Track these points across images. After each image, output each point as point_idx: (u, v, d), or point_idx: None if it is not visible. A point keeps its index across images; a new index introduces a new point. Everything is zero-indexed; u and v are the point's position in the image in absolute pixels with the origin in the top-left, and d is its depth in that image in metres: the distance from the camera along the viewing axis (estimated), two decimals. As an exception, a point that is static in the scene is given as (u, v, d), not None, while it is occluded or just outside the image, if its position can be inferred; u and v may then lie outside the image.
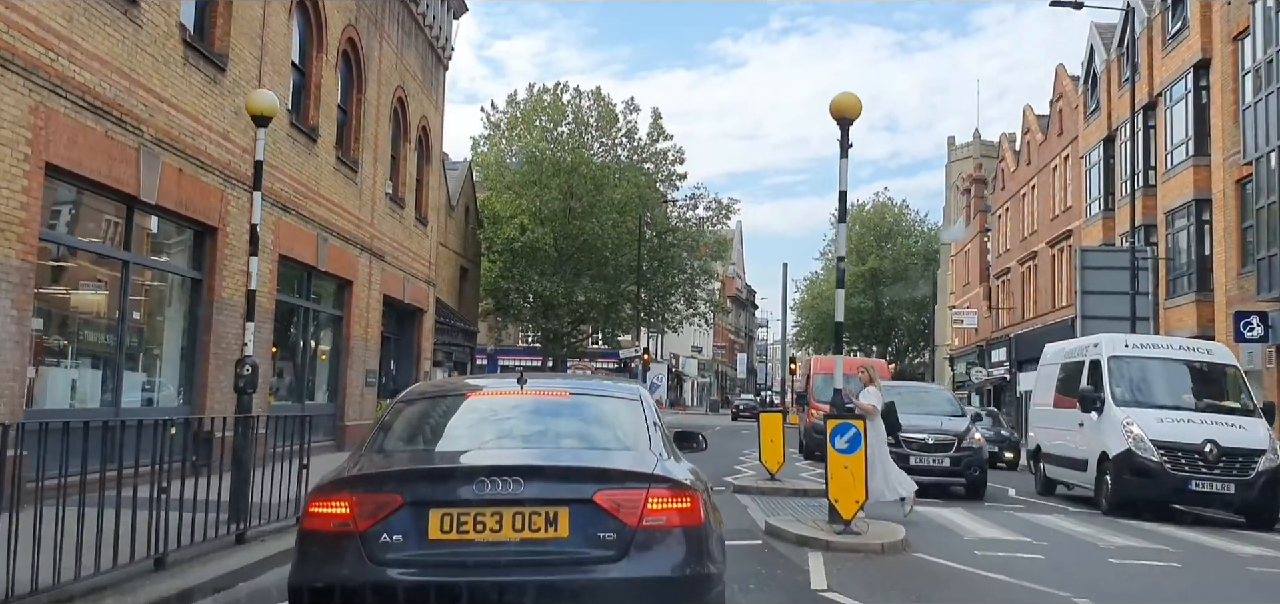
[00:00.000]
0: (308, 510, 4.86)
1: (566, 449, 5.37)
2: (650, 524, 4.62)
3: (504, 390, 6.01)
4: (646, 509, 4.63)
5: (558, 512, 4.59)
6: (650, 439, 5.36)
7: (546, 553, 4.57)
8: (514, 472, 4.67)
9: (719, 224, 52.51)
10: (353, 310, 21.63)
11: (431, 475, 4.95)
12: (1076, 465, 16.76)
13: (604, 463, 5.00)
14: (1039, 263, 40.66)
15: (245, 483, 9.75)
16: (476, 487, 4.60)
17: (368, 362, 22.66)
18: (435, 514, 4.57)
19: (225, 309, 15.56)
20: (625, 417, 5.60)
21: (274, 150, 17.15)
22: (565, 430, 5.56)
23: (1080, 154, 34.39)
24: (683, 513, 4.71)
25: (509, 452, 5.28)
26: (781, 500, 14.07)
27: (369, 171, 22.39)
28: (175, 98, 13.68)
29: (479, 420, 5.79)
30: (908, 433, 15.59)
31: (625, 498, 4.64)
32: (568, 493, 4.65)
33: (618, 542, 4.57)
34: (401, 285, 25.20)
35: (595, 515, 4.59)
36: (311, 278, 19.81)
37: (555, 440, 5.50)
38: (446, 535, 4.56)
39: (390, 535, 4.56)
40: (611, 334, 52.85)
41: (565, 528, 4.58)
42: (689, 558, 4.67)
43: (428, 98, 27.32)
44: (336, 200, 20.31)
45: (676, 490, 4.77)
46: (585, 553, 4.57)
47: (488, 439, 5.52)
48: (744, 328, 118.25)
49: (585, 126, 49.65)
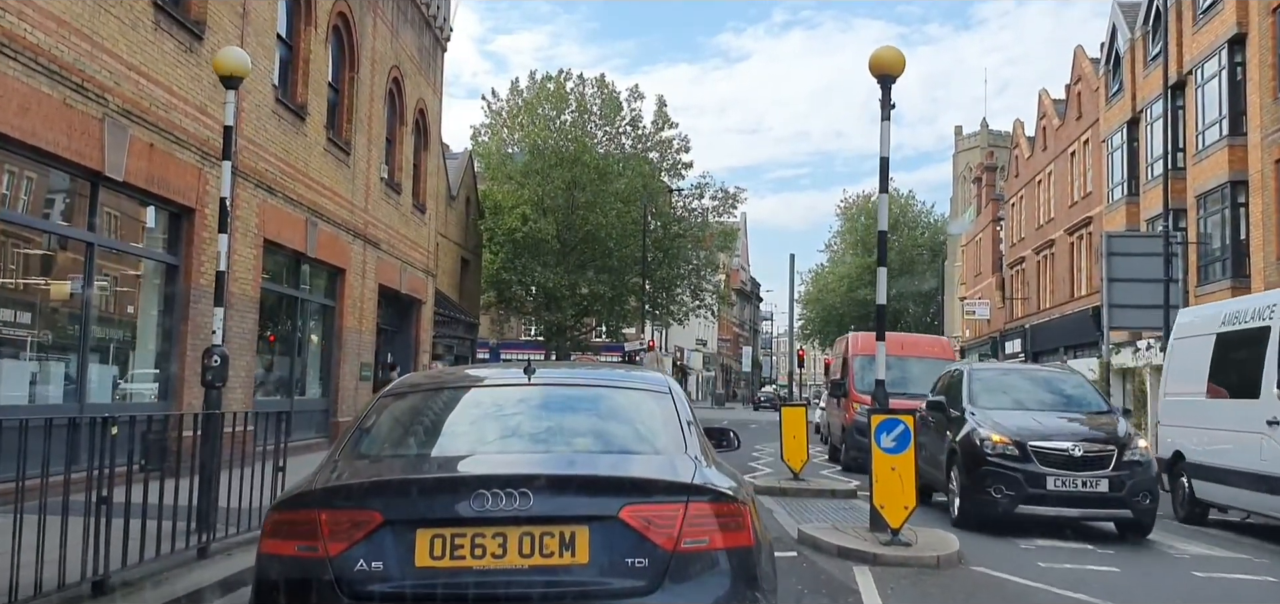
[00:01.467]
0: (266, 529, 3.87)
1: (585, 453, 4.30)
2: (690, 546, 3.62)
3: (508, 382, 5.01)
4: (685, 528, 3.63)
5: (575, 532, 3.60)
6: (686, 441, 4.31)
7: (561, 583, 3.59)
8: (521, 482, 3.64)
9: (725, 214, 51.30)
10: (346, 300, 20.47)
11: (419, 487, 3.85)
12: (1270, 487, 10.97)
13: (632, 470, 4.01)
14: (1056, 251, 39.47)
15: (211, 487, 8.62)
16: (475, 501, 3.59)
17: (362, 355, 21.52)
18: (423, 535, 3.59)
19: (205, 297, 14.39)
20: (654, 413, 4.54)
21: (258, 127, 16.02)
22: (582, 430, 4.52)
23: (1101, 138, 33.18)
24: (729, 532, 3.71)
25: (515, 457, 4.24)
26: (808, 504, 12.93)
27: (362, 155, 21.24)
28: (145, 65, 12.52)
29: (479, 418, 4.79)
30: (1038, 442, 10.67)
31: (659, 514, 3.65)
32: (588, 508, 3.66)
33: (650, 569, 3.59)
34: (398, 275, 24.05)
35: (622, 536, 3.61)
36: (301, 265, 18.65)
37: (571, 443, 4.43)
38: (438, 562, 3.57)
39: (368, 563, 3.57)
40: (615, 327, 51.67)
41: (584, 552, 3.59)
42: (737, 587, 3.68)
43: (425, 80, 26.15)
44: (327, 184, 19.15)
45: (721, 504, 3.77)
46: (609, 584, 3.59)
47: (489, 441, 4.50)
48: (748, 321, 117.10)
49: (589, 115, 48.47)
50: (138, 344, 14.10)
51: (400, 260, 24.20)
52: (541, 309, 48.25)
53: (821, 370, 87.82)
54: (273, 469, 9.10)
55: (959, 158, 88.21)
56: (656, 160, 49.40)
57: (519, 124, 47.76)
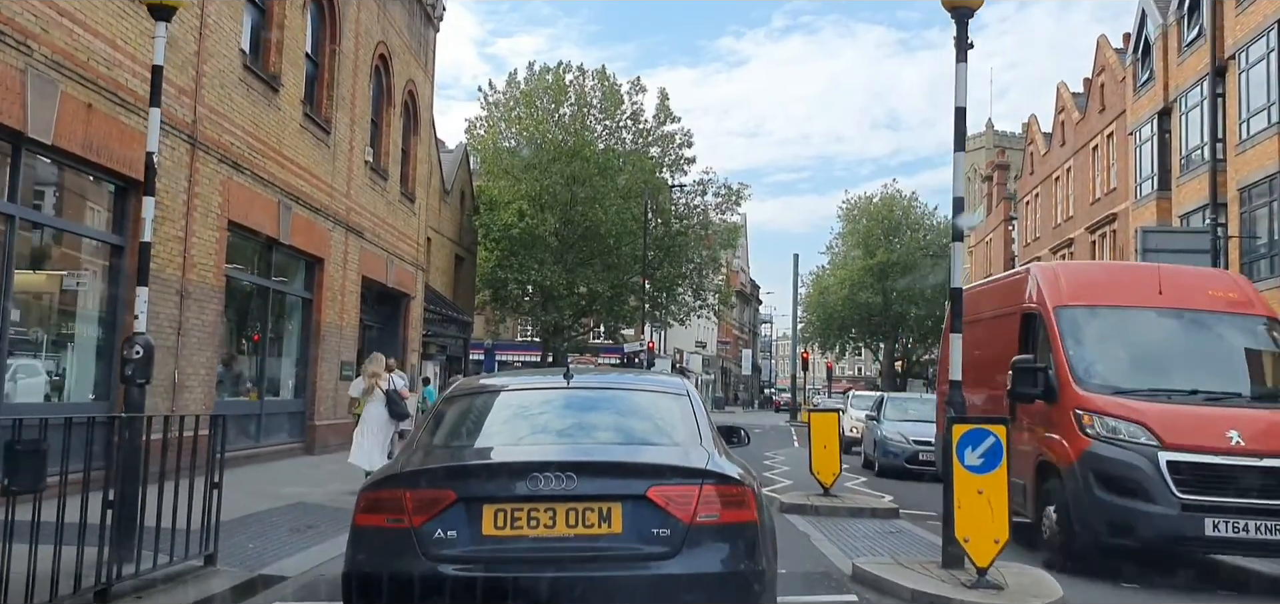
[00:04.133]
0: (360, 506, 4.65)
1: (619, 445, 5.15)
2: (704, 521, 4.43)
3: (552, 385, 5.82)
4: (700, 505, 4.45)
5: (611, 507, 4.44)
6: (700, 434, 5.15)
7: (600, 549, 4.41)
8: (567, 467, 4.48)
9: (728, 211, 49.57)
10: (324, 292, 18.75)
11: (485, 471, 4.78)
12: None
13: (657, 458, 4.83)
14: (1076, 250, 37.78)
15: (131, 507, 6.94)
16: (530, 482, 4.44)
17: (343, 352, 19.79)
18: (489, 510, 4.44)
19: (156, 282, 12.68)
20: (675, 412, 5.36)
21: (223, 95, 14.31)
22: (615, 425, 5.34)
23: (1127, 131, 31.49)
24: (736, 510, 4.53)
25: (562, 447, 5.10)
26: (846, 525, 11.21)
27: (345, 134, 19.52)
28: (80, 12, 10.80)
29: (530, 415, 5.58)
30: None
31: (678, 494, 4.46)
32: (621, 489, 4.51)
33: (671, 538, 4.40)
34: (384, 267, 22.32)
35: (649, 511, 4.43)
36: (273, 252, 16.92)
37: (607, 435, 5.26)
38: (500, 531, 4.42)
39: (444, 531, 4.41)
40: (614, 327, 49.92)
41: (619, 524, 4.43)
42: (743, 555, 4.49)
43: (415, 61, 24.43)
44: (304, 164, 17.44)
45: (730, 486, 4.60)
46: (639, 549, 4.40)
47: (539, 434, 5.34)
48: (748, 323, 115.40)
49: (588, 108, 46.76)
50: (76, 338, 12.40)
51: (386, 252, 22.47)
52: (538, 309, 46.50)
53: (823, 374, 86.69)
54: (208, 485, 7.37)
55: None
56: (658, 155, 47.70)
57: (516, 117, 46.01)
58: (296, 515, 10.87)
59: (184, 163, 13.21)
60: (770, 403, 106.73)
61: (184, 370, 13.37)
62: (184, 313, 13.33)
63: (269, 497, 12.04)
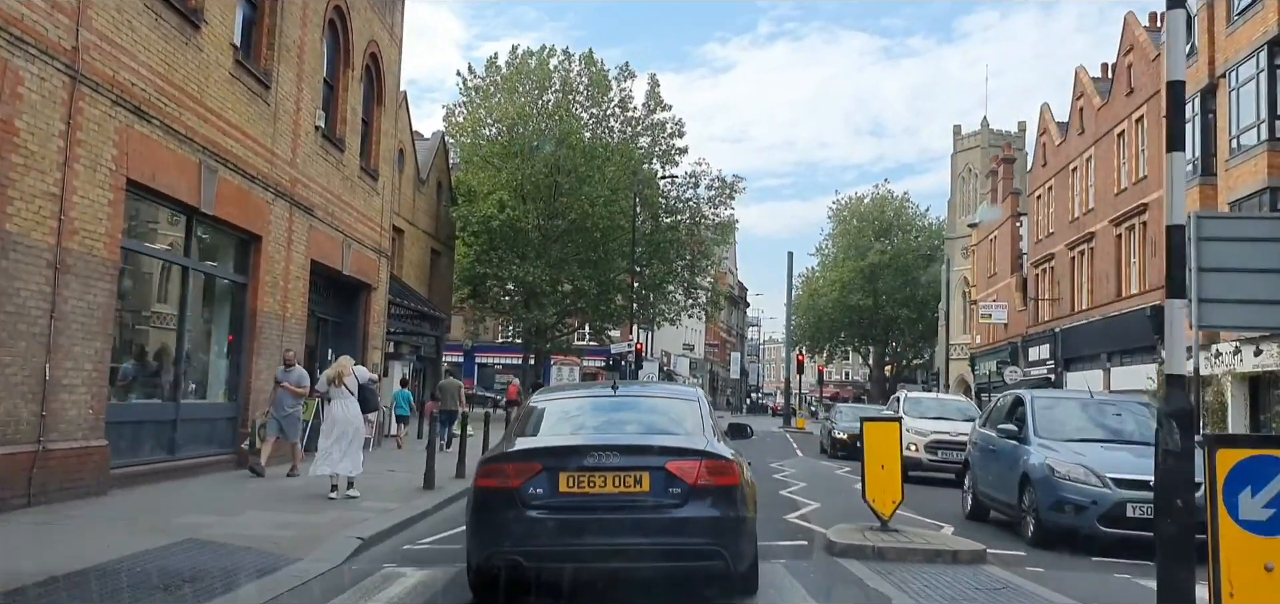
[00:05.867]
0: (480, 473, 6.97)
1: (647, 434, 7.38)
2: (702, 483, 6.65)
3: (603, 394, 8.33)
4: (700, 473, 6.68)
5: (642, 474, 6.67)
6: (703, 428, 7.38)
7: (634, 501, 6.64)
8: (612, 449, 6.80)
9: (721, 205, 46.71)
10: (262, 276, 15.85)
11: (560, 451, 6.97)
12: None
13: (672, 442, 7.08)
14: (1097, 245, 35.12)
15: None
16: (590, 458, 6.72)
17: (287, 347, 16.89)
18: (563, 475, 6.69)
19: (16, 250, 9.80)
20: (687, 412, 7.71)
21: (119, 23, 11.42)
22: (646, 422, 7.68)
23: (1162, 112, 28.80)
24: (724, 477, 6.75)
25: (610, 436, 7.24)
26: (917, 573, 8.41)
27: (290, 92, 16.65)
28: None
29: (588, 413, 7.96)
30: None
31: (686, 466, 6.70)
32: (648, 463, 6.72)
33: (681, 494, 6.63)
34: (339, 251, 19.42)
35: (667, 477, 6.65)
36: (194, 225, 14.01)
37: (639, 427, 7.58)
38: (570, 490, 6.66)
39: (534, 489, 6.66)
40: (601, 327, 47.02)
41: (647, 485, 6.64)
42: (729, 505, 6.69)
43: (379, 20, 21.54)
44: (235, 121, 14.55)
45: (720, 462, 6.81)
46: (660, 501, 6.63)
47: (595, 427, 7.60)
48: (736, 326, 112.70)
49: (574, 95, 43.91)
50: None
51: (343, 234, 19.57)
52: (520, 307, 43.60)
53: (814, 377, 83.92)
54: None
55: (958, 158, 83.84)
56: (648, 145, 44.89)
57: (496, 104, 43.10)
58: (180, 559, 8.00)
59: (58, 98, 10.31)
60: (760, 408, 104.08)
61: (60, 364, 10.47)
62: (59, 290, 10.44)
63: (157, 529, 9.18)
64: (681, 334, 78.62)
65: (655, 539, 6.60)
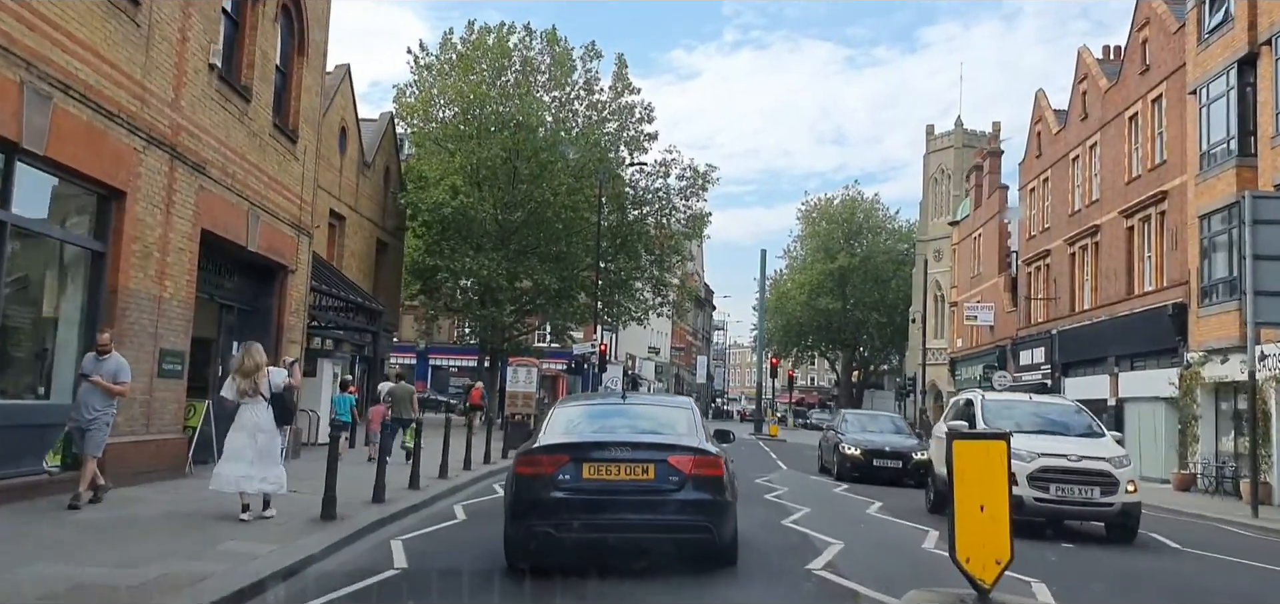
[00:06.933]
0: (518, 461, 8.72)
1: (652, 433, 8.95)
2: (694, 472, 8.37)
3: (614, 402, 10.35)
4: (693, 465, 8.40)
5: (648, 465, 8.35)
6: (695, 430, 9.08)
7: (643, 485, 8.29)
8: (625, 445, 8.52)
9: (693, 197, 43.50)
10: (128, 243, 12.40)
11: (584, 446, 8.58)
12: None
13: (672, 441, 8.77)
14: (1104, 239, 32.25)
15: None
16: (608, 452, 8.44)
17: (165, 336, 13.46)
18: (587, 465, 8.34)
19: None
20: (681, 417, 9.39)
21: None
22: (649, 425, 9.24)
23: (1189, 88, 25.96)
24: (712, 468, 8.49)
25: (623, 435, 8.84)
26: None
27: (170, 16, 13.21)
28: None
29: (604, 417, 9.74)
30: None
31: (682, 460, 8.42)
32: (653, 457, 8.42)
33: (679, 481, 8.33)
34: (243, 222, 15.98)
35: (668, 468, 8.35)
36: (13, 165, 10.52)
37: (646, 430, 9.07)
38: (592, 476, 8.31)
39: (563, 475, 8.30)
40: (562, 326, 43.64)
41: (652, 474, 8.32)
42: (716, 490, 8.46)
43: (302, -47, 18.12)
44: (82, 36, 11.12)
45: (709, 457, 8.56)
46: (662, 486, 8.31)
47: (612, 427, 9.26)
48: (702, 329, 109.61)
49: (536, 75, 40.55)
50: None
51: (248, 202, 16.12)
52: (475, 305, 40.14)
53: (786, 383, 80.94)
54: None
55: (930, 159, 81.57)
56: (615, 131, 41.60)
57: (451, 85, 39.63)
58: None
59: None
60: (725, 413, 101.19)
61: None
62: None
63: None
64: (647, 336, 75.30)
65: (658, 516, 8.28)
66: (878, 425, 24.36)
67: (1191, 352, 25.63)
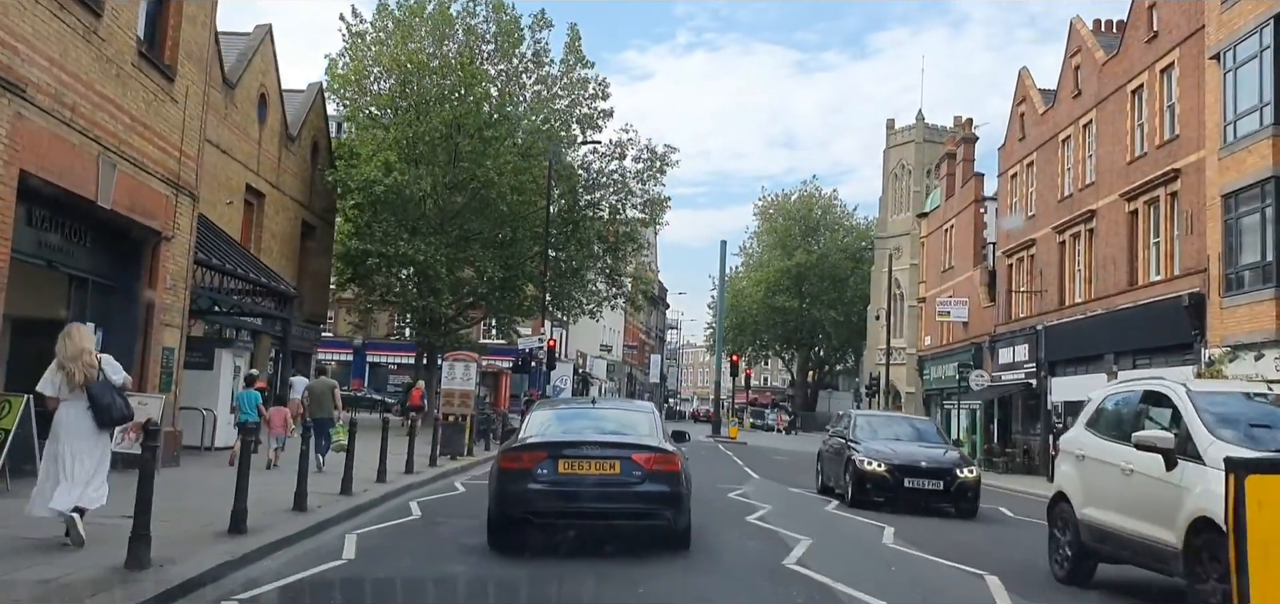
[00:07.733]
0: (501, 457, 10.23)
1: (618, 434, 10.28)
2: (655, 468, 9.77)
3: (586, 406, 12.73)
4: (653, 462, 9.80)
5: (615, 462, 9.69)
6: (656, 431, 10.52)
7: (610, 479, 9.67)
8: (595, 444, 9.89)
9: (651, 180, 40.30)
10: (-116, 178, 8.84)
11: (559, 444, 9.95)
12: None
13: (635, 440, 10.08)
14: (1100, 226, 29.51)
15: None
16: (580, 450, 9.80)
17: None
18: (562, 461, 9.70)
19: None
20: (644, 420, 10.91)
21: None
22: (616, 426, 10.63)
23: (1210, 52, 23.24)
24: (669, 464, 9.91)
25: (593, 435, 10.24)
26: None
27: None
28: None
29: (577, 419, 11.39)
30: None
31: (645, 457, 9.78)
32: (619, 454, 9.74)
33: (641, 475, 9.68)
34: (91, 170, 12.41)
35: (632, 464, 9.70)
36: None
37: (613, 431, 10.42)
38: (566, 470, 9.67)
39: (541, 469, 9.65)
40: (508, 320, 40.18)
41: (618, 469, 9.68)
42: (672, 483, 9.84)
43: None
44: None
45: (666, 454, 10.00)
46: (626, 479, 9.67)
47: (582, 428, 10.74)
48: (655, 327, 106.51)
49: (480, 45, 37.12)
50: None
51: (99, 144, 12.57)
52: (412, 295, 36.61)
53: (744, 382, 78.02)
54: None
55: (890, 154, 79.14)
56: (566, 107, 38.28)
57: (387, 53, 36.08)
58: None
59: None
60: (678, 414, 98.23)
61: None
62: None
63: None
64: (599, 333, 71.97)
65: (623, 504, 9.80)
66: (897, 431, 18.77)
67: (1212, 347, 22.87)
